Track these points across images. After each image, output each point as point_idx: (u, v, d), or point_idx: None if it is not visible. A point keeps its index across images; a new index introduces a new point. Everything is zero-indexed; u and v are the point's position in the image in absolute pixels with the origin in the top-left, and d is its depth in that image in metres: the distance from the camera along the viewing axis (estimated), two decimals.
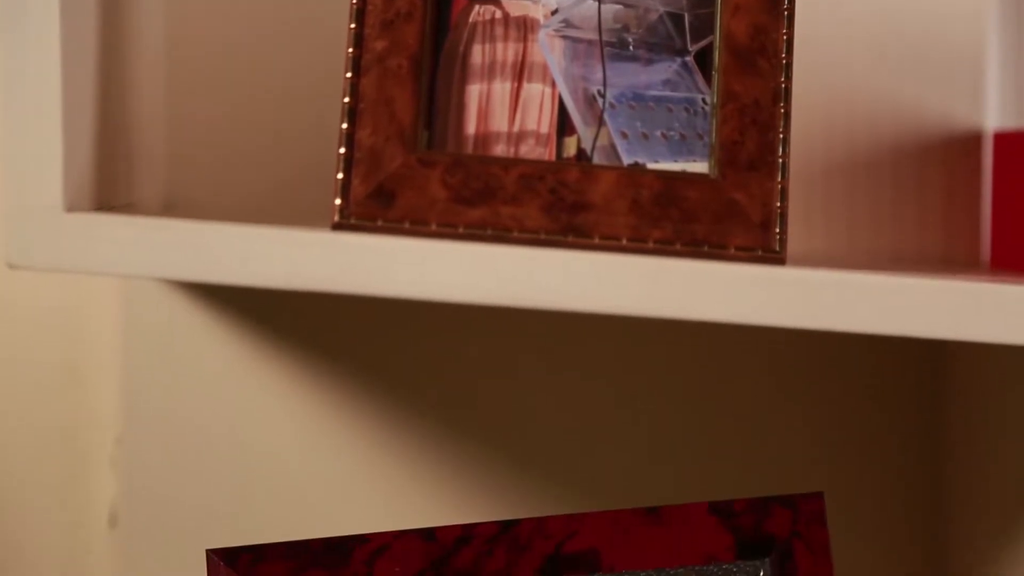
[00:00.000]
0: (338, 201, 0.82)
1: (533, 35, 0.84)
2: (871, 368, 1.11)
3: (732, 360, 1.11)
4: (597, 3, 0.84)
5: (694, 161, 0.83)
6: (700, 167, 0.83)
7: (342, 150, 0.82)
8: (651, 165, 0.83)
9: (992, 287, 0.78)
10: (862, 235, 1.07)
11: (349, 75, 0.82)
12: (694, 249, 0.82)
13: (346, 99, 0.82)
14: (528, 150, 0.83)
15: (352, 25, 0.82)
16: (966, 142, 1.07)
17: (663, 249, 0.82)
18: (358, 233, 0.81)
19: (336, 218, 0.82)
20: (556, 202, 0.82)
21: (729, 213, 0.82)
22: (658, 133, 0.84)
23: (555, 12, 0.84)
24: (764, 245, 0.82)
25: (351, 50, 0.82)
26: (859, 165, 1.07)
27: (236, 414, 1.10)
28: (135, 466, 1.10)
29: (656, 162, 0.83)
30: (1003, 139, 1.05)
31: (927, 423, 1.12)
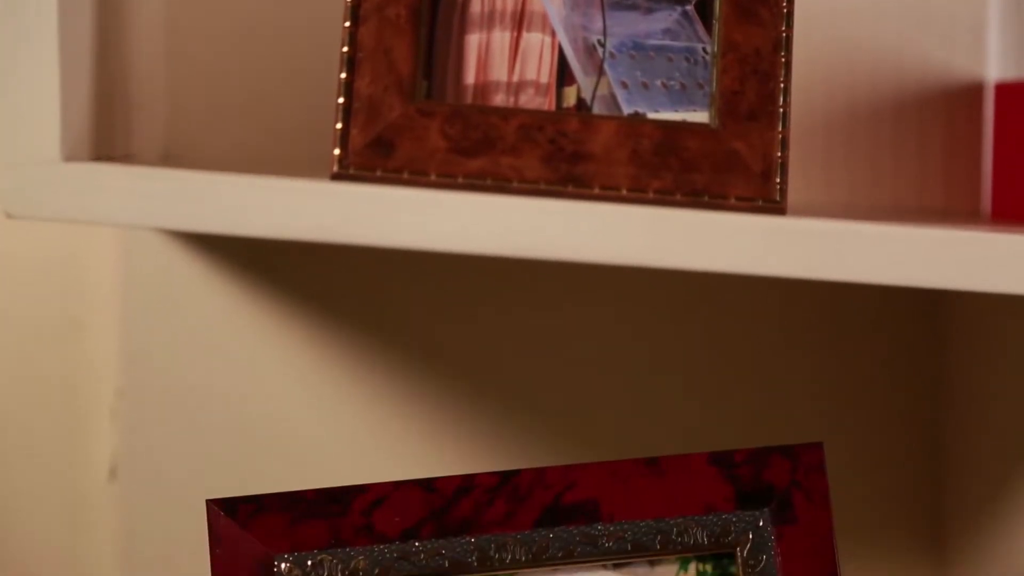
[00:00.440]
0: (337, 151, 0.82)
1: None
2: (871, 318, 1.11)
3: (732, 311, 1.11)
4: None
5: (694, 111, 0.83)
6: (700, 117, 0.83)
7: (341, 100, 0.82)
8: (651, 115, 0.83)
9: (993, 236, 0.77)
10: (862, 187, 1.07)
11: (348, 24, 0.82)
12: (694, 199, 0.82)
13: (345, 48, 0.82)
14: (528, 100, 0.83)
15: None
16: (967, 93, 1.07)
17: (663, 199, 0.82)
18: (357, 183, 0.81)
19: (335, 168, 0.82)
20: (556, 152, 0.82)
21: (729, 163, 0.82)
22: (658, 83, 0.83)
23: None
24: (764, 195, 0.82)
25: None
26: (860, 116, 1.06)
27: (236, 365, 1.10)
28: (135, 418, 1.10)
29: (656, 112, 0.83)
30: (1004, 90, 1.05)
31: (927, 373, 1.12)
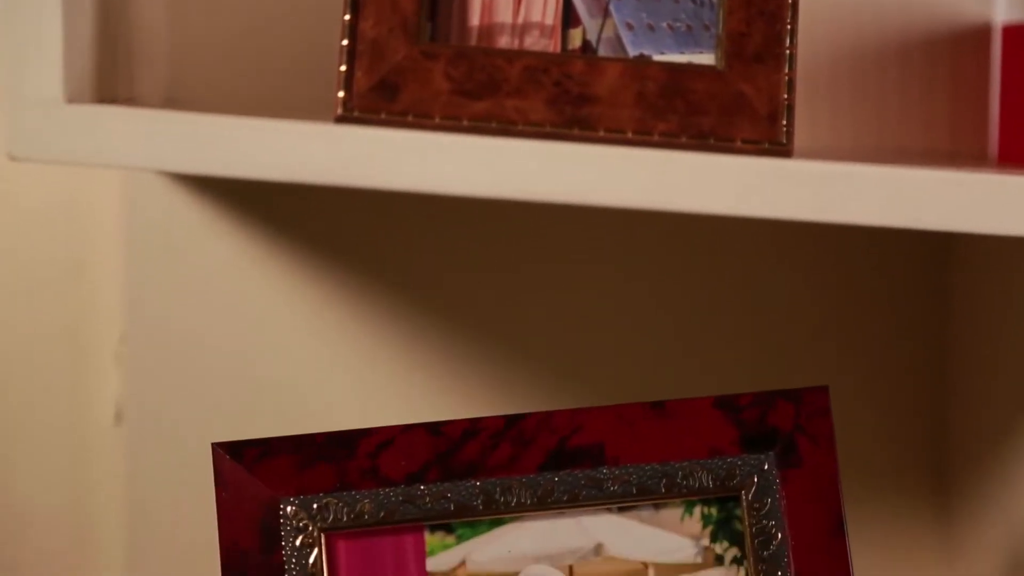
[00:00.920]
0: (341, 94, 0.81)
1: None
2: (877, 261, 1.11)
3: (737, 254, 1.11)
4: None
5: (700, 53, 0.83)
6: (706, 59, 0.83)
7: (345, 42, 0.81)
8: (657, 57, 0.83)
9: (999, 178, 0.77)
10: (868, 130, 1.06)
11: None
12: (700, 142, 0.81)
13: None
14: (532, 42, 0.83)
15: None
16: (974, 35, 1.06)
17: (669, 142, 0.81)
18: (361, 126, 0.81)
19: (339, 111, 0.81)
20: (561, 95, 0.81)
21: (735, 105, 0.82)
22: (664, 24, 0.83)
23: None
24: (771, 137, 0.82)
25: None
26: (866, 59, 1.06)
27: (240, 310, 1.10)
28: (140, 363, 1.10)
29: (662, 54, 0.83)
30: (1012, 32, 1.04)
31: (932, 317, 1.12)
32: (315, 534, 0.77)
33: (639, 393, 1.06)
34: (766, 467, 0.79)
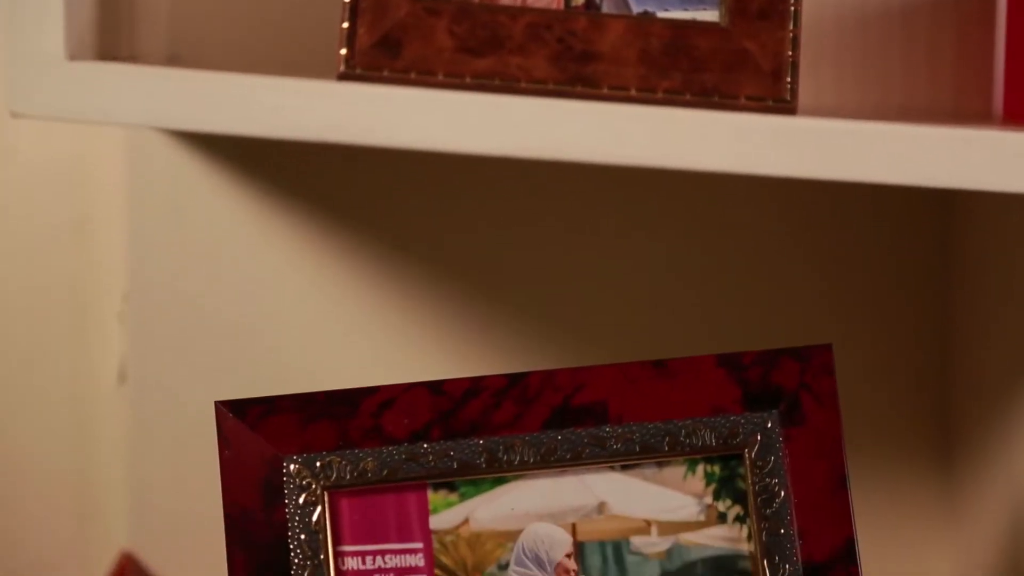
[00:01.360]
0: (343, 51, 0.81)
1: None
2: (881, 220, 1.11)
3: (741, 212, 1.11)
4: None
5: (704, 9, 0.82)
6: (710, 16, 0.82)
7: None
8: (660, 14, 0.82)
9: (1003, 135, 0.77)
10: (872, 88, 1.06)
11: None
12: (704, 99, 0.81)
13: None
14: None
15: None
16: None
17: (672, 99, 0.81)
18: (364, 83, 0.81)
19: (341, 68, 0.81)
20: (564, 52, 0.81)
21: (739, 62, 0.81)
22: None
23: None
24: (775, 95, 0.81)
25: None
26: (871, 17, 1.05)
27: (243, 268, 1.10)
28: (143, 322, 1.10)
29: (666, 10, 0.82)
30: None
31: (936, 275, 1.12)
32: (318, 492, 0.78)
33: (642, 352, 1.06)
34: (769, 425, 0.79)
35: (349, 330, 1.10)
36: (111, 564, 1.11)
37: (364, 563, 0.78)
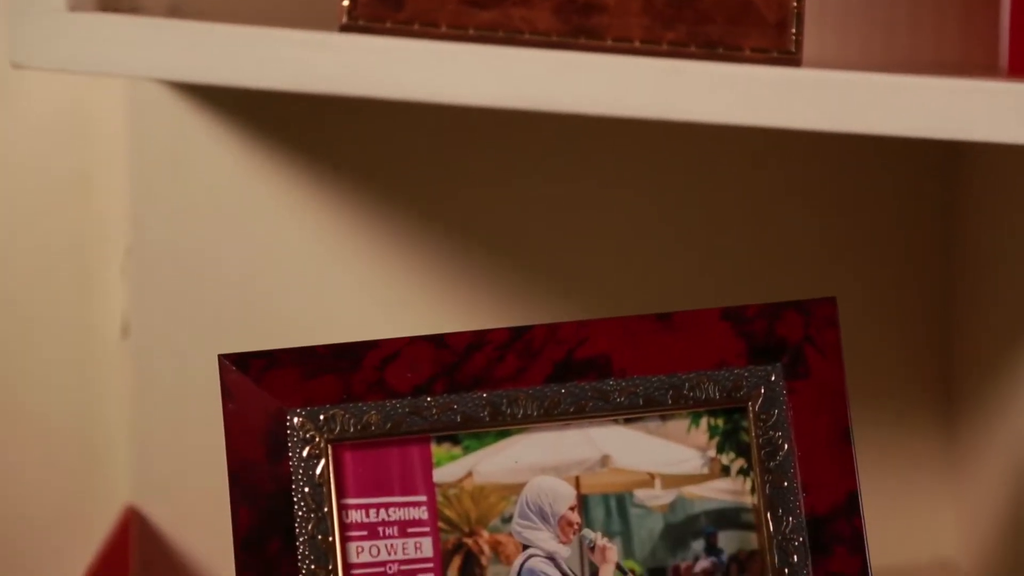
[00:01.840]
0: (346, 2, 0.81)
1: None
2: (886, 172, 1.11)
3: (745, 164, 1.10)
4: None
5: None
6: None
7: None
8: None
9: (1008, 86, 0.77)
10: (878, 41, 1.06)
11: None
12: (708, 51, 0.81)
13: None
14: None
15: None
16: None
17: (677, 51, 0.81)
18: (366, 35, 0.80)
19: (344, 20, 0.81)
20: (568, 3, 0.81)
21: (744, 14, 0.81)
22: None
23: None
24: (779, 46, 0.81)
25: None
26: None
27: (245, 222, 1.10)
28: (146, 276, 1.10)
29: None
30: None
31: (939, 227, 1.12)
32: (322, 445, 0.78)
33: (646, 305, 1.06)
34: (773, 378, 0.79)
35: (352, 283, 1.10)
36: (115, 518, 1.11)
37: (368, 516, 0.78)
